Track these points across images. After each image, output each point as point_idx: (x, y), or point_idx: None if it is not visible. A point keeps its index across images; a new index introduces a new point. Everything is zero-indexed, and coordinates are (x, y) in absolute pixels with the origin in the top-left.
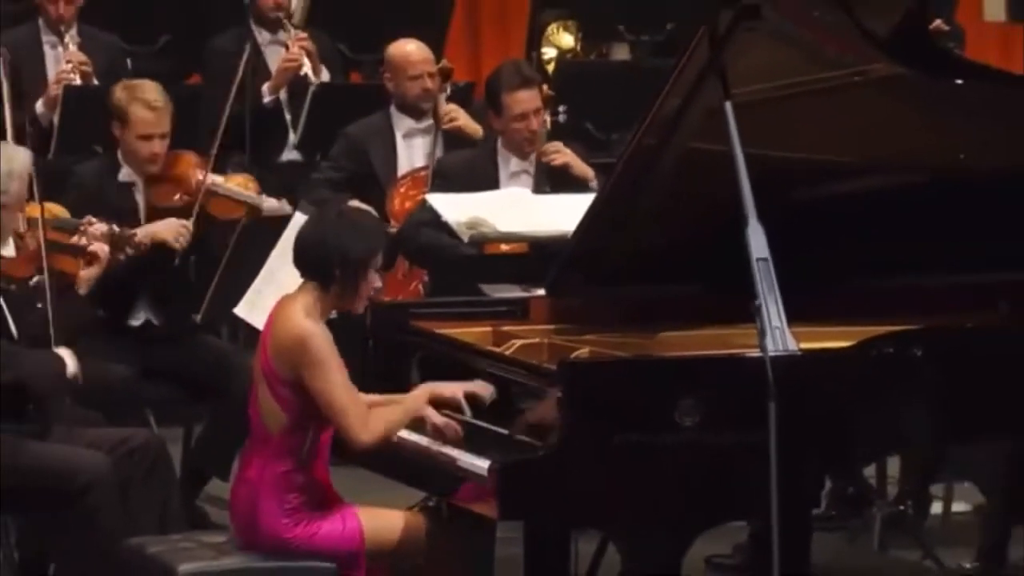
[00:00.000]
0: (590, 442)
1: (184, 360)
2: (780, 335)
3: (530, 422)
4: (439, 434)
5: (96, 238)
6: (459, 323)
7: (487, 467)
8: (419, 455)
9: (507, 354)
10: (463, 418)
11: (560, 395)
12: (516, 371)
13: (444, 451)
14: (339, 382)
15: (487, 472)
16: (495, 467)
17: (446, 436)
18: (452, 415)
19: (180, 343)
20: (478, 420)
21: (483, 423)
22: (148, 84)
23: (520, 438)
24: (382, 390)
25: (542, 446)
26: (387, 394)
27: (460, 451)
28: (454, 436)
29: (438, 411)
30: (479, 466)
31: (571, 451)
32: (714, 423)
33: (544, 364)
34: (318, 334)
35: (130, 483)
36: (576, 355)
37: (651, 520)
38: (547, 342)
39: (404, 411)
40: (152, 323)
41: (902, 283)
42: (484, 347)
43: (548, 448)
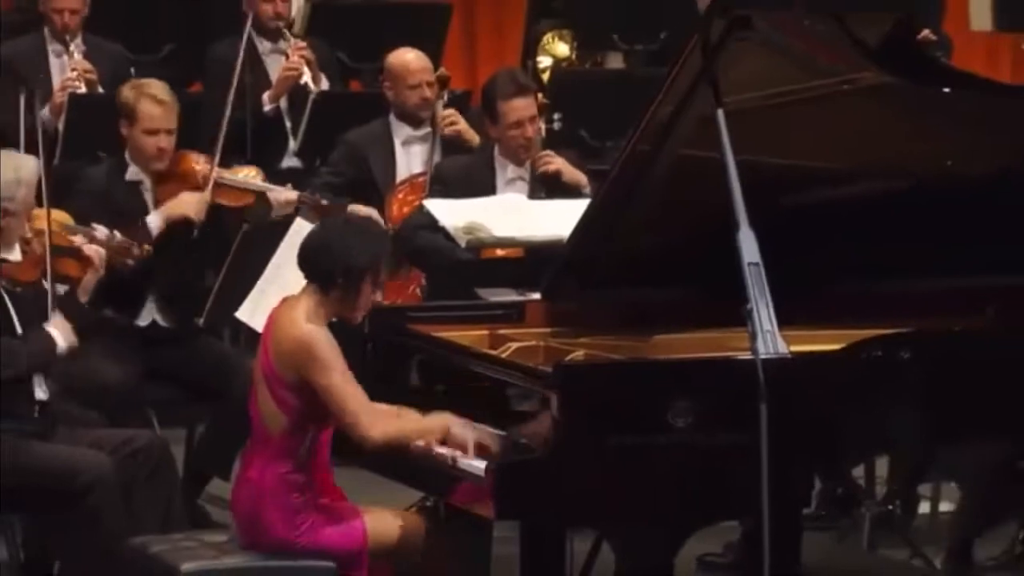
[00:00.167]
0: (585, 443)
1: (187, 362)
2: (771, 338)
3: (526, 423)
4: (483, 450)
5: (96, 241)
6: (456, 326)
7: (485, 467)
8: (418, 455)
9: (503, 357)
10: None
11: (556, 397)
12: (512, 373)
13: (442, 451)
14: (347, 381)
15: (484, 472)
16: (492, 467)
17: (491, 449)
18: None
19: (183, 345)
20: (478, 422)
21: (481, 425)
22: (155, 82)
23: (517, 439)
24: (382, 392)
25: (538, 447)
26: (387, 392)
27: (458, 452)
28: (495, 447)
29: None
30: (477, 466)
31: (566, 452)
32: (707, 424)
33: (540, 367)
34: (322, 336)
35: (133, 483)
36: (571, 358)
37: (645, 519)
38: (543, 345)
39: (421, 428)
40: (158, 324)
41: (890, 288)
42: (481, 350)
43: (544, 449)
